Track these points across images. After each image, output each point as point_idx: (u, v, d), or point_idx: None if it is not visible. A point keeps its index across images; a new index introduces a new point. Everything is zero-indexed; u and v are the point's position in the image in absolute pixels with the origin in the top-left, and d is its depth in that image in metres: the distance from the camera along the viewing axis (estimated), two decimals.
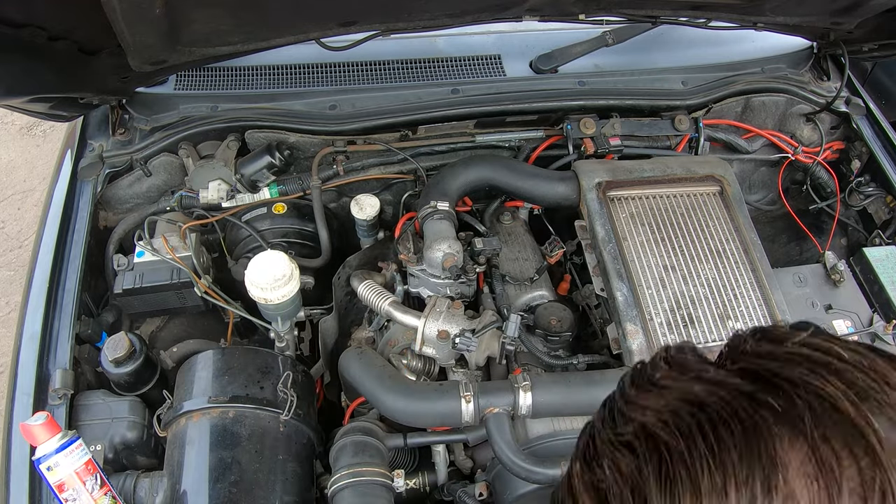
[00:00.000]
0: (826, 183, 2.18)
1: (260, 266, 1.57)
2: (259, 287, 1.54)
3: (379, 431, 1.47)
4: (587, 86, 1.98)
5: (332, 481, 1.38)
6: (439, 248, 1.56)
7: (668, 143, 2.00)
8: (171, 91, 1.93)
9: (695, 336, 1.43)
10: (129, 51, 1.39)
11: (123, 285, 1.74)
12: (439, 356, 1.54)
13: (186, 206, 1.86)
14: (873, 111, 2.13)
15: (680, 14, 1.91)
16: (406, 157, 1.89)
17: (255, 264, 1.57)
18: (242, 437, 1.38)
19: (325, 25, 1.61)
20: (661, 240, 1.55)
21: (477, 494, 1.47)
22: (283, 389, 1.45)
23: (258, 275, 1.55)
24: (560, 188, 1.68)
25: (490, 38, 2.15)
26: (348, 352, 1.54)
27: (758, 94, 2.06)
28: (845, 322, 1.70)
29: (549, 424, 1.47)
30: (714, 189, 1.66)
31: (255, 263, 1.58)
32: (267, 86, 1.97)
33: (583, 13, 1.77)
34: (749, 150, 2.12)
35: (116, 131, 1.86)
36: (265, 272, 1.55)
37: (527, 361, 1.58)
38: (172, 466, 1.38)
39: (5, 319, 3.33)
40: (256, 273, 1.55)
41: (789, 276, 1.75)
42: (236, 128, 1.84)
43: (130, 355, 1.52)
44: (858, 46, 2.03)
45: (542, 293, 1.69)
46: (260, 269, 1.56)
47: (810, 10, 1.82)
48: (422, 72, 2.03)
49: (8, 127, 4.24)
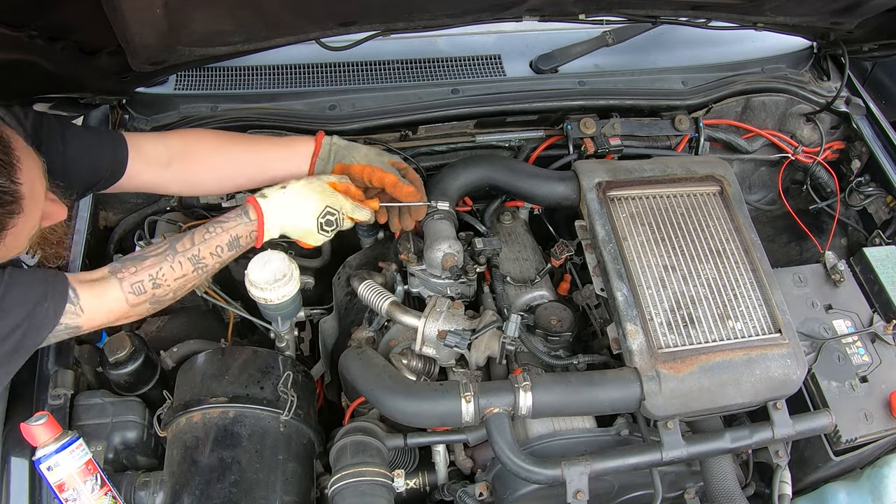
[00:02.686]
0: (826, 183, 2.18)
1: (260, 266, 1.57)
2: (259, 287, 1.54)
3: (379, 431, 1.47)
4: (587, 86, 1.98)
5: (332, 481, 1.38)
6: (439, 248, 1.56)
7: (668, 143, 2.00)
8: (171, 91, 1.93)
9: (695, 336, 1.43)
10: (129, 51, 1.39)
11: None
12: (439, 356, 1.55)
13: (186, 205, 1.86)
14: (873, 111, 2.13)
15: (680, 14, 1.91)
16: (406, 157, 1.89)
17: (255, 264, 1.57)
18: (242, 437, 1.39)
19: (325, 25, 1.61)
20: (661, 240, 1.55)
21: (477, 494, 1.47)
22: (284, 389, 1.45)
23: (258, 275, 1.55)
24: (560, 188, 1.68)
25: (490, 38, 2.15)
26: (348, 352, 1.54)
27: (758, 94, 2.06)
28: (845, 322, 1.70)
29: (549, 424, 1.48)
30: (714, 189, 1.67)
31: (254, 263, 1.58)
32: (267, 86, 1.97)
33: (583, 13, 1.77)
34: (749, 150, 2.12)
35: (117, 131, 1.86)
36: (265, 272, 1.55)
37: (527, 361, 1.58)
38: (172, 466, 1.38)
39: None
40: (256, 273, 1.55)
41: (789, 276, 1.75)
42: (236, 128, 1.83)
43: (130, 355, 1.51)
44: (858, 46, 2.03)
45: (543, 293, 1.69)
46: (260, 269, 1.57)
47: (810, 10, 1.82)
48: (422, 72, 2.03)
49: None
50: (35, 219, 1.12)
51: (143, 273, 1.26)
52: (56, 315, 1.19)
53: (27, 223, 1.09)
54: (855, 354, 1.64)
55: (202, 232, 1.32)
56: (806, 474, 1.62)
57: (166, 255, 1.29)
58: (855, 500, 1.56)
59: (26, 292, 1.15)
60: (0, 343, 1.12)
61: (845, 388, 1.58)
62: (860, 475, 1.59)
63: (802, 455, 1.63)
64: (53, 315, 1.18)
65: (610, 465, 1.35)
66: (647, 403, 1.36)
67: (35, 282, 1.17)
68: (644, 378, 1.37)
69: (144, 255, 1.29)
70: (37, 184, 1.10)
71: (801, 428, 1.45)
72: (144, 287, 1.26)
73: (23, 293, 1.14)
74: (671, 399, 1.36)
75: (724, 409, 1.46)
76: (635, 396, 1.37)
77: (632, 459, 1.36)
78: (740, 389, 1.39)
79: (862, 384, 1.59)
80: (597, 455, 1.36)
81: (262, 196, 1.37)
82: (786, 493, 1.50)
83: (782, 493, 1.50)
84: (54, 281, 1.20)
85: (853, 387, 1.58)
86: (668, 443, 1.38)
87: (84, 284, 1.23)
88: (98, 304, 1.24)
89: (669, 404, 1.37)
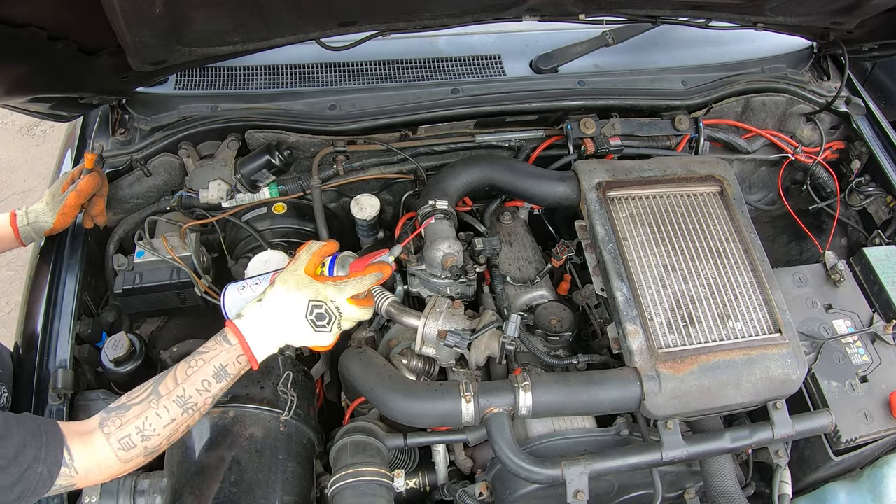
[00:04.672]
0: (826, 183, 2.18)
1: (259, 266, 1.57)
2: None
3: (379, 431, 1.47)
4: (587, 86, 1.98)
5: (332, 481, 1.38)
6: (439, 247, 1.56)
7: (668, 143, 2.00)
8: (171, 91, 1.93)
9: (695, 336, 1.43)
10: (129, 51, 1.39)
11: (123, 285, 1.74)
12: (439, 356, 1.55)
13: (186, 205, 1.86)
14: (873, 111, 2.13)
15: (680, 14, 1.91)
16: (406, 156, 1.89)
17: (255, 264, 1.58)
18: (242, 437, 1.39)
19: (325, 25, 1.61)
20: (661, 240, 1.55)
21: (477, 494, 1.47)
22: (284, 389, 1.45)
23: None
24: (560, 188, 1.68)
25: (490, 38, 2.15)
26: (348, 351, 1.54)
27: (758, 94, 2.07)
28: (845, 322, 1.70)
29: (549, 424, 1.48)
30: (714, 189, 1.67)
31: (254, 263, 1.58)
32: (267, 86, 1.97)
33: (583, 13, 1.78)
34: (749, 150, 2.13)
35: (116, 131, 1.86)
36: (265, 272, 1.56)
37: (527, 361, 1.58)
38: (172, 466, 1.38)
39: (5, 319, 3.33)
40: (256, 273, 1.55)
41: (789, 276, 1.76)
42: (236, 128, 1.84)
43: (130, 355, 1.52)
44: (858, 46, 2.03)
45: (543, 293, 1.69)
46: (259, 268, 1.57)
47: (810, 10, 1.82)
48: (422, 72, 2.03)
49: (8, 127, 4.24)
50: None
51: (129, 426, 1.12)
52: (51, 478, 1.07)
53: None
54: (855, 354, 1.64)
55: (184, 368, 1.17)
56: (806, 474, 1.62)
57: (150, 401, 1.14)
58: (855, 500, 1.56)
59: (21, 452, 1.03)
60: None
61: (845, 388, 1.58)
62: (860, 475, 1.59)
63: (802, 455, 1.63)
64: (48, 478, 1.07)
65: (610, 465, 1.35)
66: (647, 403, 1.36)
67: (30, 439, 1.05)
68: (644, 378, 1.37)
69: (128, 404, 1.14)
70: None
71: (801, 428, 1.45)
72: (133, 441, 1.12)
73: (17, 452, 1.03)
74: (671, 399, 1.36)
75: (724, 409, 1.45)
76: (635, 396, 1.37)
77: (632, 459, 1.36)
78: (740, 389, 1.39)
79: (862, 384, 1.59)
80: (597, 455, 1.36)
81: (238, 317, 1.20)
82: (786, 493, 1.50)
83: (782, 493, 1.50)
84: (49, 440, 1.08)
85: (853, 387, 1.58)
86: (668, 443, 1.38)
87: (78, 440, 1.11)
88: (91, 464, 1.11)
89: (669, 404, 1.37)
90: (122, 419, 1.13)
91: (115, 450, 1.11)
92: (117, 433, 1.12)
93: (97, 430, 1.12)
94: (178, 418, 1.15)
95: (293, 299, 1.19)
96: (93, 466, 1.12)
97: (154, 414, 1.13)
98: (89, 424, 1.14)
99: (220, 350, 1.18)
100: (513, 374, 1.39)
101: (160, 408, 1.14)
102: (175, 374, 1.17)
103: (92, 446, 1.11)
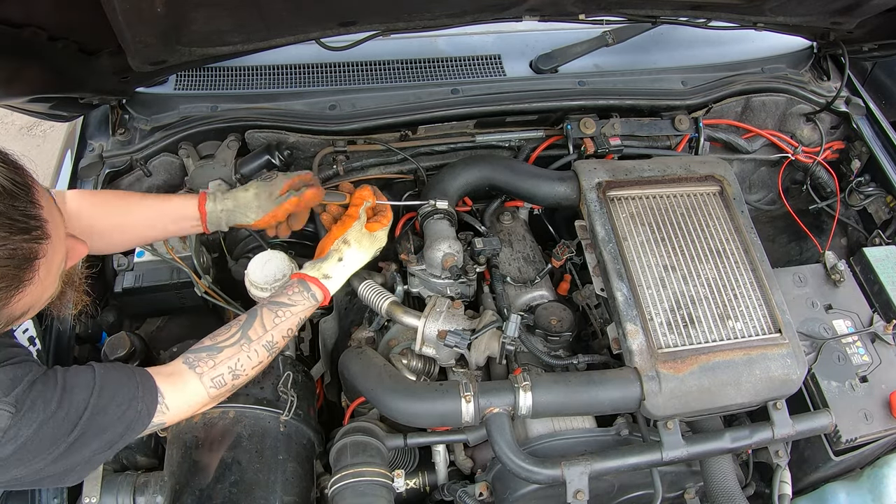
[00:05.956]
0: (826, 183, 2.18)
1: (260, 266, 1.57)
2: (259, 287, 1.54)
3: (379, 431, 1.47)
4: (587, 86, 1.98)
5: (332, 481, 1.38)
6: (439, 247, 1.56)
7: (668, 143, 2.00)
8: (171, 91, 1.94)
9: (695, 336, 1.43)
10: (129, 51, 1.39)
11: (123, 285, 1.74)
12: (439, 356, 1.55)
13: None
14: (873, 111, 2.13)
15: (680, 14, 1.91)
16: (406, 157, 1.89)
17: (255, 264, 1.58)
18: (242, 437, 1.39)
19: (325, 25, 1.61)
20: (661, 240, 1.55)
21: (477, 494, 1.47)
22: (284, 389, 1.45)
23: (258, 274, 1.55)
24: (560, 188, 1.68)
25: (490, 38, 2.15)
26: (348, 352, 1.54)
27: (758, 94, 2.07)
28: (845, 322, 1.70)
29: (549, 424, 1.48)
30: (714, 189, 1.67)
31: (254, 263, 1.58)
32: (267, 86, 1.97)
33: (583, 13, 1.77)
34: (749, 150, 2.12)
35: (116, 131, 1.85)
36: (265, 272, 1.56)
37: (527, 361, 1.58)
38: (172, 466, 1.38)
39: None
40: (256, 273, 1.55)
41: (789, 276, 1.76)
42: (236, 128, 1.84)
43: (130, 355, 1.52)
44: (858, 46, 2.03)
45: (543, 293, 1.69)
46: (260, 268, 1.57)
47: (810, 10, 1.82)
48: (422, 72, 2.03)
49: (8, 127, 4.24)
50: (61, 251, 1.04)
51: (223, 366, 1.27)
52: (149, 415, 1.17)
53: (56, 253, 1.01)
54: (855, 354, 1.64)
55: (270, 316, 1.33)
56: (806, 474, 1.62)
57: (241, 344, 1.29)
58: (855, 500, 1.56)
59: (118, 392, 1.13)
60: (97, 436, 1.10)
61: (845, 388, 1.58)
62: (860, 475, 1.59)
63: (802, 455, 1.63)
64: (147, 415, 1.17)
65: (610, 465, 1.35)
66: (647, 403, 1.36)
67: (125, 380, 1.15)
68: (644, 378, 1.37)
69: (218, 347, 1.28)
70: (54, 210, 1.03)
71: (801, 428, 1.45)
72: (225, 380, 1.27)
73: (115, 392, 1.12)
74: (671, 399, 1.36)
75: (724, 409, 1.46)
76: (635, 396, 1.37)
77: (632, 459, 1.36)
78: (740, 389, 1.39)
79: (862, 384, 1.59)
80: (597, 455, 1.36)
81: (325, 277, 1.41)
82: (786, 493, 1.50)
83: (782, 493, 1.50)
84: (143, 380, 1.18)
85: (853, 387, 1.58)
86: (668, 443, 1.38)
87: (165, 380, 1.21)
88: (181, 401, 1.23)
89: (669, 404, 1.37)
90: (215, 360, 1.27)
91: (208, 387, 1.25)
92: (210, 372, 1.25)
93: (188, 370, 1.25)
94: (265, 360, 1.33)
95: (366, 255, 1.49)
96: (182, 403, 1.24)
97: (246, 356, 1.29)
98: (174, 366, 1.25)
99: (308, 306, 1.38)
100: (513, 374, 1.39)
101: (251, 351, 1.30)
102: (262, 320, 1.33)
103: (184, 384, 1.23)
